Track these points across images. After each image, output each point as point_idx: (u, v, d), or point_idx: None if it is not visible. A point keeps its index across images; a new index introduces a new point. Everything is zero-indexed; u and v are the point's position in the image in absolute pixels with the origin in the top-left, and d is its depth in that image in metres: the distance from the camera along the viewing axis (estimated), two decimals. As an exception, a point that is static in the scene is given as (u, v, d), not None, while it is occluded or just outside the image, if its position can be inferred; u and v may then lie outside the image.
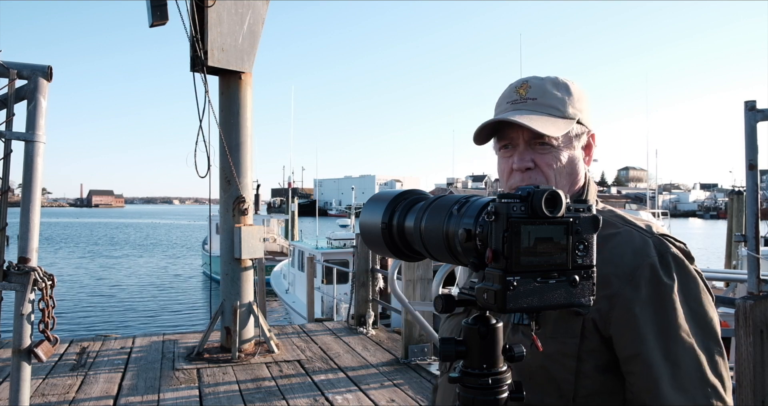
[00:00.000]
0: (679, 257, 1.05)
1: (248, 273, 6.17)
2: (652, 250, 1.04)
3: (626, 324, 1.01)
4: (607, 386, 1.03)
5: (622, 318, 1.01)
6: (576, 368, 1.02)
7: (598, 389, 1.03)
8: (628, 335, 1.01)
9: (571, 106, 1.15)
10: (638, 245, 1.05)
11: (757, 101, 2.90)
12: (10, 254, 2.08)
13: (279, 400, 4.70)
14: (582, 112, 1.16)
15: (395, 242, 0.99)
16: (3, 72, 2.06)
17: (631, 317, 1.00)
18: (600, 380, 1.03)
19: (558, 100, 1.14)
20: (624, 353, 1.01)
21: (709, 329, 1.02)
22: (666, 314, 1.00)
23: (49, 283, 2.10)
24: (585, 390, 1.02)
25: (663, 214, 23.74)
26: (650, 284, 1.01)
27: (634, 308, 1.00)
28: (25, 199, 2.09)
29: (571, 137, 1.15)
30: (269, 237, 25.08)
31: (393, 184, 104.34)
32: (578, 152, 1.17)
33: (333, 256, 13.50)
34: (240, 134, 6.08)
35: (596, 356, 1.02)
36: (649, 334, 0.99)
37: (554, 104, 1.13)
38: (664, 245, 1.06)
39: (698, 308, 1.03)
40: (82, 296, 20.80)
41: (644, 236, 1.07)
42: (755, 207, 2.91)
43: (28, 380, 2.11)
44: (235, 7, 5.90)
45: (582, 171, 1.18)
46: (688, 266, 1.05)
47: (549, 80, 1.16)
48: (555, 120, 1.12)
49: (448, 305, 0.85)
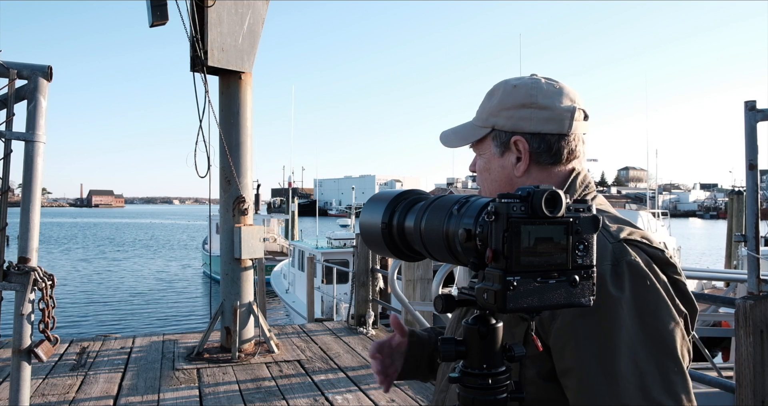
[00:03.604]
0: (637, 266, 0.97)
1: (248, 273, 6.17)
2: (608, 257, 0.97)
3: (565, 336, 0.96)
4: (552, 394, 1.00)
5: (561, 330, 0.96)
6: (519, 374, 0.97)
7: (543, 396, 1.00)
8: (566, 348, 0.96)
9: (488, 113, 1.16)
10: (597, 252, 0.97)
11: (757, 101, 2.90)
12: (10, 254, 2.09)
13: (279, 400, 4.70)
14: (499, 117, 1.14)
15: (395, 242, 0.99)
16: (3, 72, 2.06)
17: (571, 330, 0.95)
18: (543, 388, 0.99)
19: (480, 109, 1.19)
20: (561, 365, 0.97)
21: (665, 345, 0.94)
22: (608, 328, 0.93)
23: (49, 283, 2.10)
24: (529, 396, 0.97)
25: (663, 214, 23.72)
26: (597, 294, 0.91)
27: (575, 320, 0.94)
28: (25, 200, 2.09)
29: (489, 145, 1.16)
30: (269, 237, 25.08)
31: (393, 184, 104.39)
32: (509, 160, 1.14)
33: (333, 256, 13.51)
34: (240, 134, 6.08)
35: (538, 363, 0.99)
36: (587, 348, 0.93)
37: (478, 114, 1.20)
38: (624, 252, 0.97)
39: (653, 321, 0.94)
40: (82, 296, 20.81)
41: (607, 242, 0.99)
42: (755, 207, 2.91)
43: (28, 380, 2.11)
44: (235, 7, 5.90)
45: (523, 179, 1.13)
46: (646, 276, 0.96)
47: (498, 85, 1.18)
48: (472, 130, 1.18)
49: (448, 305, 0.85)
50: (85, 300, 20.11)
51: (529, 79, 1.16)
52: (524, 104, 1.12)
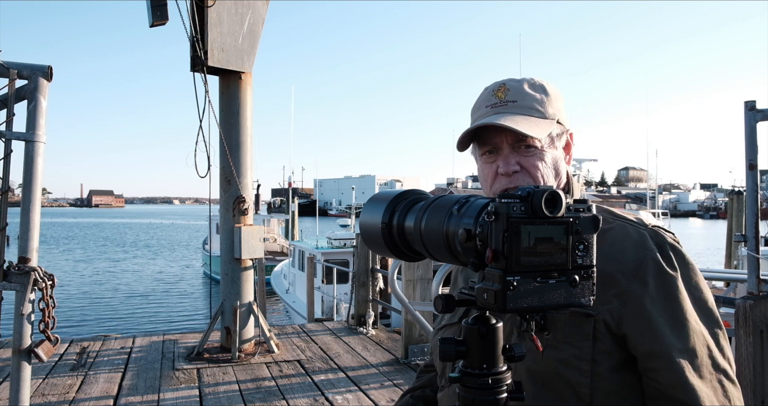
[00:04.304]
0: (677, 247, 1.07)
1: (248, 273, 6.17)
2: (651, 243, 1.05)
3: (640, 321, 1.01)
4: (623, 385, 1.03)
5: (634, 315, 1.01)
6: (591, 371, 1.01)
7: (614, 389, 1.02)
8: (643, 332, 1.01)
9: (550, 106, 1.15)
10: (637, 239, 1.06)
11: (757, 101, 2.90)
12: (10, 254, 2.08)
13: (279, 400, 4.70)
14: (560, 111, 1.17)
15: (395, 242, 0.99)
16: (3, 72, 2.06)
17: (644, 313, 1.01)
18: (615, 380, 1.02)
19: (537, 101, 1.14)
20: (641, 350, 1.01)
21: (712, 314, 1.05)
22: (676, 306, 1.02)
23: (50, 283, 2.10)
24: (601, 392, 1.01)
25: (663, 214, 23.75)
26: (657, 277, 1.02)
27: (645, 303, 1.01)
28: (25, 200, 2.09)
29: (552, 138, 1.15)
30: (269, 237, 25.07)
31: (393, 184, 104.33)
32: (560, 152, 1.18)
33: (333, 256, 13.50)
34: (240, 134, 6.08)
35: (610, 356, 1.02)
36: (664, 328, 1.00)
37: (534, 106, 1.13)
38: (661, 237, 1.07)
39: (700, 295, 1.05)
40: (83, 296, 20.80)
41: (639, 230, 1.08)
42: (755, 207, 2.91)
43: (28, 380, 2.11)
44: (235, 7, 5.90)
45: (564, 170, 1.18)
46: (685, 255, 1.07)
47: (526, 81, 1.17)
48: (537, 121, 1.12)
49: (448, 305, 0.85)
50: (85, 300, 20.10)
51: None
52: (564, 103, 1.20)
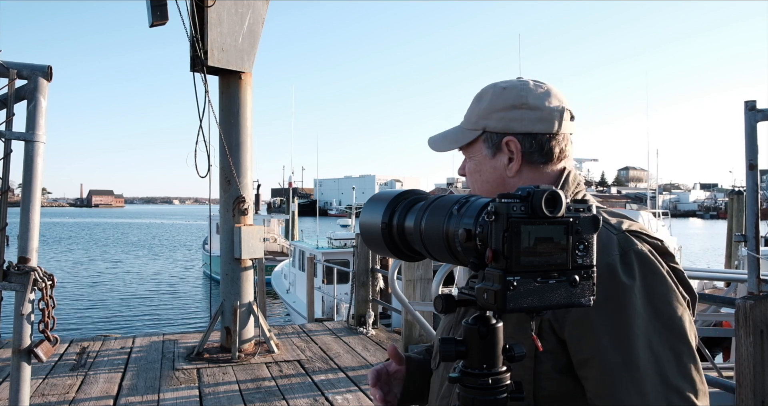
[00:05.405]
0: (644, 255, 1.00)
1: (248, 273, 6.17)
2: (615, 248, 0.99)
3: (579, 327, 0.97)
4: (568, 388, 1.00)
5: (575, 321, 0.98)
6: (533, 369, 0.99)
7: (559, 391, 1.00)
8: (580, 339, 0.97)
9: (477, 116, 1.17)
10: (604, 244, 0.99)
11: (757, 101, 2.90)
12: (10, 254, 2.09)
13: (279, 400, 4.70)
14: (487, 118, 1.15)
15: (395, 242, 0.99)
16: (3, 72, 2.06)
17: (586, 320, 0.96)
18: (559, 382, 1.00)
19: (469, 112, 1.20)
20: (578, 356, 0.98)
21: (677, 329, 0.97)
22: (623, 315, 0.95)
23: (49, 283, 2.10)
24: (544, 391, 1.00)
25: (663, 214, 23.74)
26: (608, 284, 0.95)
27: (588, 310, 0.93)
28: (25, 200, 2.09)
29: (480, 147, 1.17)
30: (269, 237, 25.07)
31: (393, 184, 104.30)
32: (500, 161, 1.15)
33: (333, 256, 13.50)
34: (240, 134, 6.08)
35: (553, 357, 1.00)
36: (604, 336, 0.95)
37: (467, 118, 1.20)
38: (629, 242, 1.01)
39: (664, 307, 0.97)
40: (82, 296, 20.80)
41: (610, 233, 1.02)
42: (755, 207, 2.91)
43: (28, 380, 2.11)
44: (235, 7, 5.89)
45: (515, 179, 1.15)
46: (653, 264, 1.00)
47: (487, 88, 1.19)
48: (462, 133, 1.19)
49: (448, 305, 0.85)
50: (85, 300, 20.09)
51: (517, 81, 1.18)
52: (515, 105, 1.14)
